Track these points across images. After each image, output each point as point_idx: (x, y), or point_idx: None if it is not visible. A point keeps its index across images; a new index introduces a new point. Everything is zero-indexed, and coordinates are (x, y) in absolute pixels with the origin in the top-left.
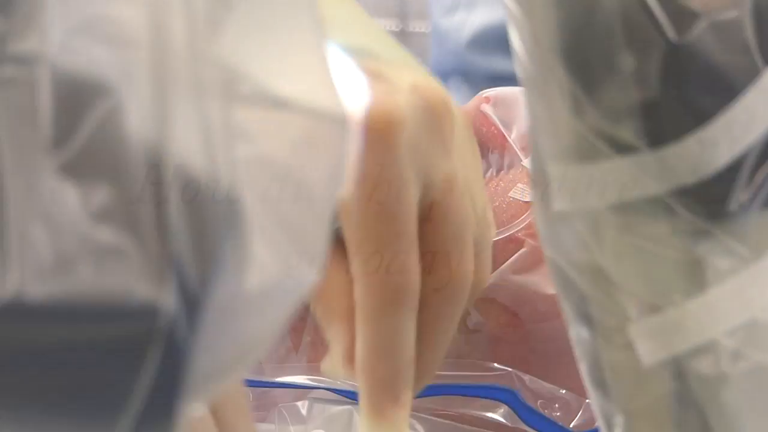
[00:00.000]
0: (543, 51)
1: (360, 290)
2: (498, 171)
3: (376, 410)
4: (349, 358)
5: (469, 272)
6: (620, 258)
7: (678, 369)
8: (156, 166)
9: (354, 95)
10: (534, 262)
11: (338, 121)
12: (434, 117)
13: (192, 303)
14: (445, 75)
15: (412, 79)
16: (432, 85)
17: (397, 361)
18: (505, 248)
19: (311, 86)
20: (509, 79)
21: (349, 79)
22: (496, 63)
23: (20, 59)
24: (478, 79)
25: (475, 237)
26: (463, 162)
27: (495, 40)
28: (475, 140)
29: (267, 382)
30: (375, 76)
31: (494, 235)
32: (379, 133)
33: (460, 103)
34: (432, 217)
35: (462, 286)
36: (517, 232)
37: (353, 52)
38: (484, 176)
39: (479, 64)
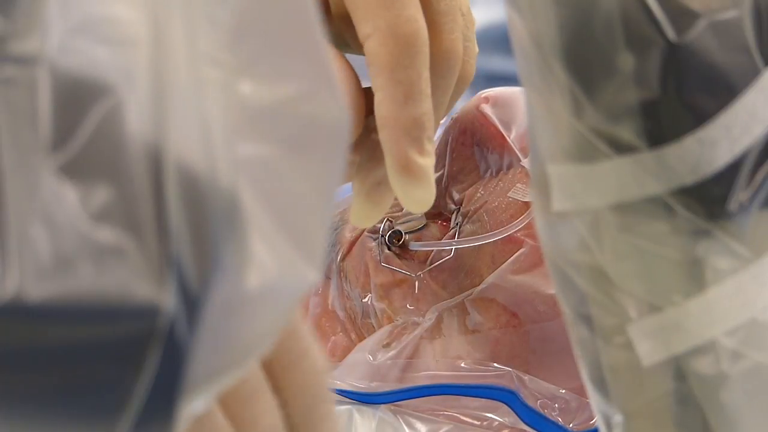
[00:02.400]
0: (543, 51)
1: (374, 46)
2: (497, 171)
3: (403, 161)
4: (360, 121)
5: (458, 49)
6: (620, 258)
7: (678, 369)
8: (156, 166)
9: None
10: (534, 262)
11: (338, 119)
12: None
13: (192, 303)
14: None
15: None
16: None
17: (419, 108)
18: (504, 248)
19: (311, 85)
20: (508, 79)
21: None
22: (494, 62)
23: (20, 59)
24: (476, 79)
25: (463, 25)
26: None
27: (494, 39)
28: None
29: None
30: None
31: (474, 34)
32: None
33: (459, 103)
34: None
35: (454, 60)
36: (516, 232)
37: None
38: (483, 176)
39: (478, 63)
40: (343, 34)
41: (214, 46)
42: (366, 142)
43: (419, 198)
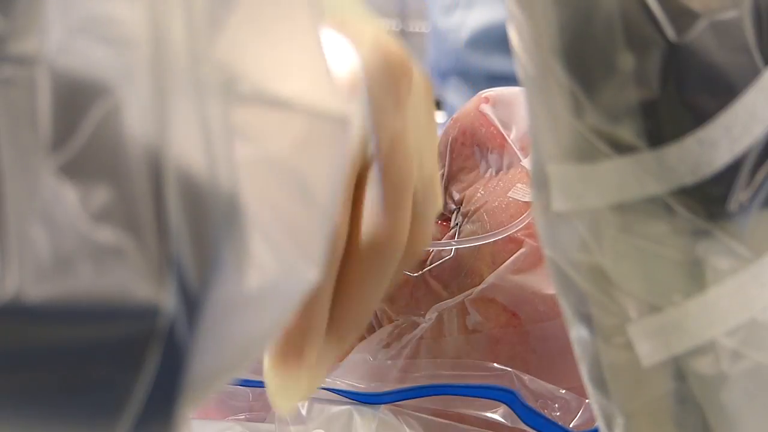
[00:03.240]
0: (543, 51)
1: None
2: (497, 171)
3: (278, 362)
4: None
5: (403, 233)
6: (620, 258)
7: (678, 369)
8: (156, 166)
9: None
10: (534, 262)
11: (338, 120)
12: (391, 74)
13: (192, 303)
14: (444, 74)
15: (373, 35)
16: (393, 43)
17: (308, 319)
18: (505, 248)
19: (311, 86)
20: (508, 79)
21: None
22: (494, 62)
23: (20, 59)
24: (476, 79)
25: (416, 202)
26: (416, 125)
27: (494, 39)
28: (434, 109)
29: None
30: (338, 28)
31: (440, 208)
32: None
33: (460, 103)
34: (371, 175)
35: (393, 249)
36: (516, 232)
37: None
38: (483, 176)
39: (478, 63)
40: None
41: (214, 46)
42: None
43: (280, 399)
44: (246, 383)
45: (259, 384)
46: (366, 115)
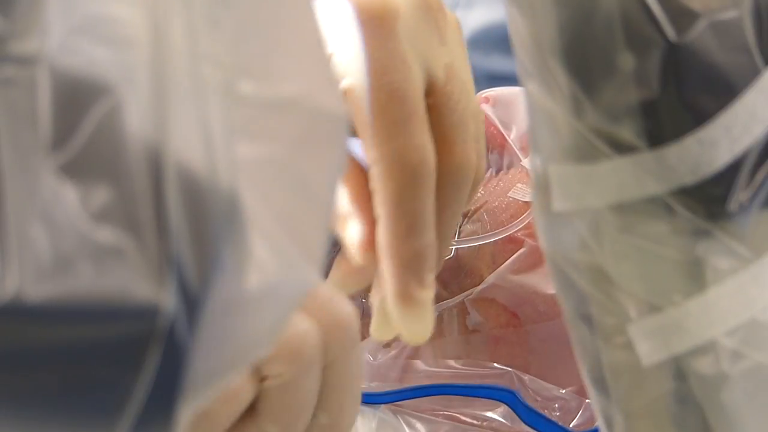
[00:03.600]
0: (543, 51)
1: (379, 174)
2: (498, 171)
3: (403, 294)
4: (369, 244)
5: (472, 159)
6: (620, 258)
7: (678, 369)
8: (156, 166)
9: None
10: (534, 262)
11: (338, 119)
12: (429, 8)
13: (192, 303)
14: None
15: None
16: None
17: (422, 241)
18: (505, 248)
19: (311, 85)
20: (508, 79)
21: None
22: (494, 62)
23: (20, 59)
24: (476, 78)
25: (474, 130)
26: (457, 55)
27: (493, 39)
28: (463, 41)
29: None
30: None
31: (486, 149)
32: (378, 21)
33: None
34: (435, 103)
35: (467, 173)
36: (516, 232)
37: None
38: (484, 176)
39: (478, 63)
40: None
41: (214, 46)
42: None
43: (416, 331)
44: None
45: None
46: (415, 46)
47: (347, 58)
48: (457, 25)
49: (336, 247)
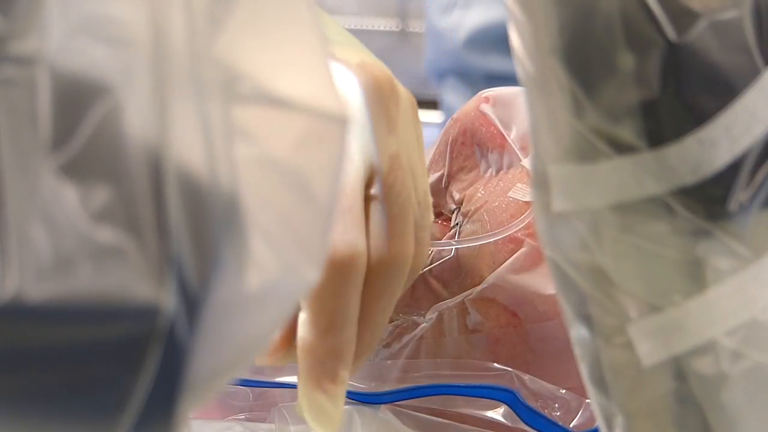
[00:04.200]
0: (543, 51)
1: None
2: (498, 171)
3: (315, 386)
4: (287, 339)
5: (409, 252)
6: (620, 258)
7: (678, 369)
8: (156, 166)
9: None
10: (534, 262)
11: (338, 120)
12: (380, 95)
13: (192, 303)
14: (441, 74)
15: (358, 58)
16: (378, 64)
17: (340, 338)
18: (504, 248)
19: (311, 86)
20: (506, 79)
21: None
22: (492, 62)
23: (20, 59)
24: (475, 79)
25: (416, 219)
26: (407, 142)
27: (491, 39)
28: (420, 122)
29: (267, 382)
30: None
31: (432, 220)
32: None
33: (458, 103)
34: (377, 194)
35: (401, 267)
36: (516, 232)
37: None
38: (484, 176)
39: (476, 63)
40: None
41: (214, 46)
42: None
43: (320, 423)
44: (246, 383)
45: (259, 384)
46: (361, 135)
47: None
48: (411, 105)
49: None
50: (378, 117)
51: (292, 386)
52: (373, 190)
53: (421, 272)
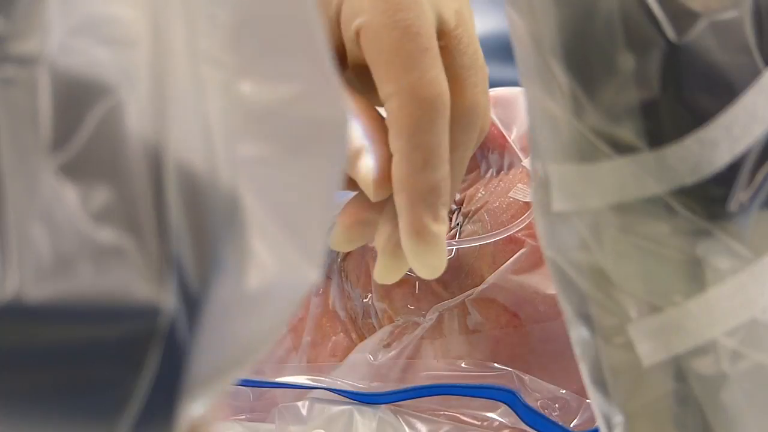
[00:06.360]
0: (543, 51)
1: (395, 108)
2: (498, 171)
3: (417, 227)
4: (385, 179)
5: (482, 102)
6: (620, 258)
7: (678, 369)
8: (156, 166)
9: None
10: (534, 262)
11: (338, 119)
12: None
13: (192, 303)
14: None
15: None
16: None
17: (437, 174)
18: (505, 248)
19: (311, 85)
20: (503, 87)
21: None
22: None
23: (20, 59)
24: None
25: (482, 78)
26: (465, 5)
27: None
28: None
29: (267, 382)
30: None
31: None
32: None
33: None
34: (446, 45)
35: (477, 115)
36: (517, 232)
37: None
38: (484, 176)
39: None
40: (357, 83)
41: (214, 46)
42: (390, 201)
43: (431, 264)
44: (246, 383)
45: (260, 384)
46: None
47: None
48: None
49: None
50: None
51: (293, 386)
52: (443, 42)
53: None
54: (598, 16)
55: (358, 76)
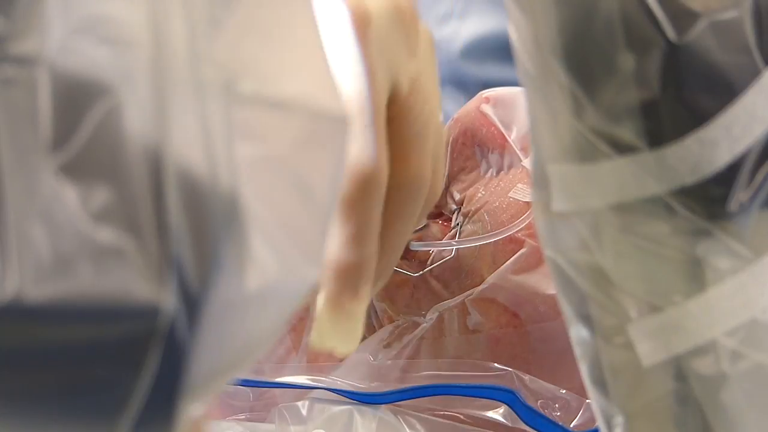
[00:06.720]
0: (543, 51)
1: None
2: (498, 171)
3: (335, 302)
4: None
5: (426, 173)
6: (620, 258)
7: (678, 369)
8: (156, 166)
9: None
10: (534, 262)
11: (338, 120)
12: (402, 18)
13: (192, 303)
14: (439, 83)
15: None
16: None
17: (362, 253)
18: (505, 248)
19: (311, 86)
20: (503, 87)
21: None
22: (489, 71)
23: (20, 59)
24: (471, 88)
25: (433, 146)
26: (426, 71)
27: (488, 49)
28: (435, 57)
29: (267, 382)
30: None
31: (447, 155)
32: (354, 25)
33: (455, 111)
34: (395, 115)
35: (420, 187)
36: (517, 232)
37: None
38: (484, 176)
39: (472, 72)
40: None
41: (214, 46)
42: None
43: (343, 339)
44: (246, 383)
45: (260, 384)
46: (384, 55)
47: None
48: (429, 39)
49: None
50: (400, 38)
51: (293, 386)
52: (393, 111)
53: (421, 272)
54: (599, 16)
55: None
